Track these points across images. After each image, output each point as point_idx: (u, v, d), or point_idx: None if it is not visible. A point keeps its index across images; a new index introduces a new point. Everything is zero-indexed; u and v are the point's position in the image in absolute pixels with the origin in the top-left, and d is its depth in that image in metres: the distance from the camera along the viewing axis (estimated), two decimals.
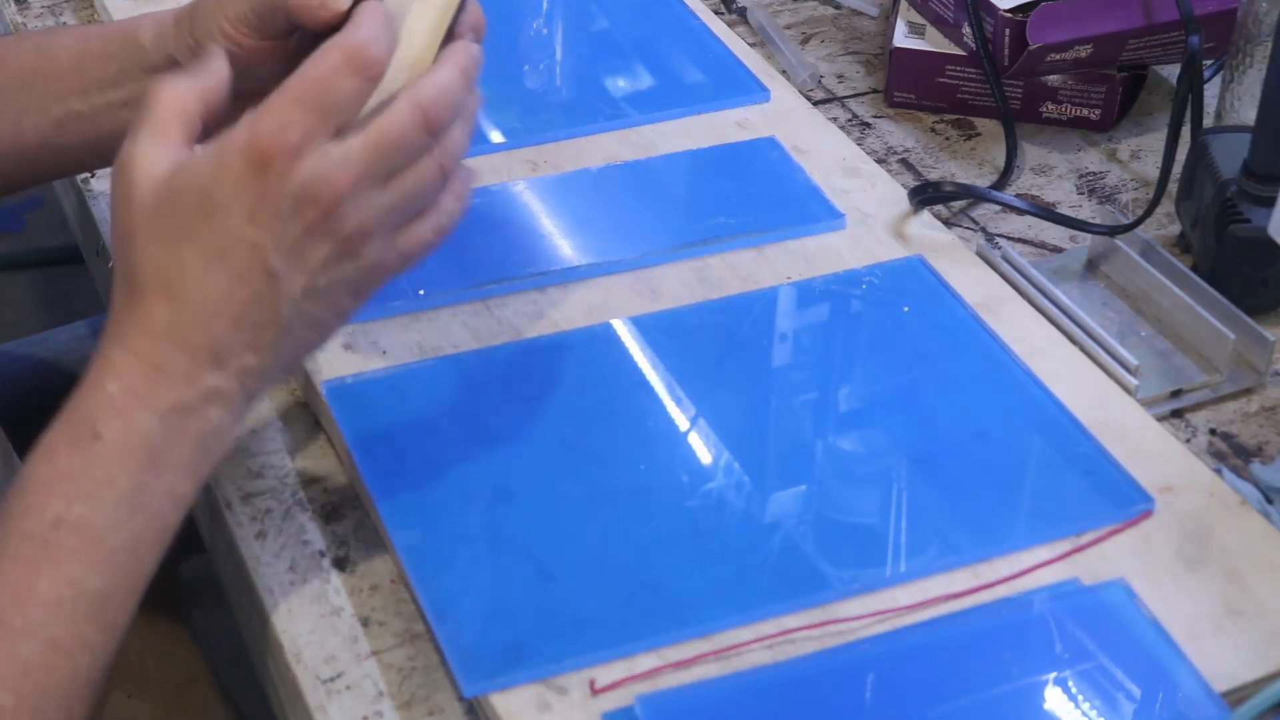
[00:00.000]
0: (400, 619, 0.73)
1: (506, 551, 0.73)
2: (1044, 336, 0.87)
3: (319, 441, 0.82)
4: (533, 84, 1.07)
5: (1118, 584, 0.72)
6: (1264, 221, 0.83)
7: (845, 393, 0.85)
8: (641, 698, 0.67)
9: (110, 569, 0.65)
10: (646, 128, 1.02)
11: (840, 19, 1.20)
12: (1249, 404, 0.86)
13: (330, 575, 0.75)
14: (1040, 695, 0.68)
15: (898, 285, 0.89)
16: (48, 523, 0.63)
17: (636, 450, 0.79)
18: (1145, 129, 1.07)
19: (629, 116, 1.03)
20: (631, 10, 1.15)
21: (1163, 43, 1.02)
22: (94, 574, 0.64)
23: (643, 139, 1.01)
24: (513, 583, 0.72)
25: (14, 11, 1.18)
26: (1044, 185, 1.02)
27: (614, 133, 1.01)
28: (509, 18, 1.14)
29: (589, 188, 0.97)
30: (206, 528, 0.84)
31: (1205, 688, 0.68)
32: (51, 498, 0.64)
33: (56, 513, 0.64)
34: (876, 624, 0.71)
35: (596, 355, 0.84)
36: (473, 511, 0.75)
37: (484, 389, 0.82)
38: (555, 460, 0.78)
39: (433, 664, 0.71)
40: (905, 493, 0.77)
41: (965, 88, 1.07)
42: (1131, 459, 0.78)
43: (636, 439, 0.79)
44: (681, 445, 0.79)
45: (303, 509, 0.78)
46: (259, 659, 0.77)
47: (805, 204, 0.95)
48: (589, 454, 0.79)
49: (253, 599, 0.75)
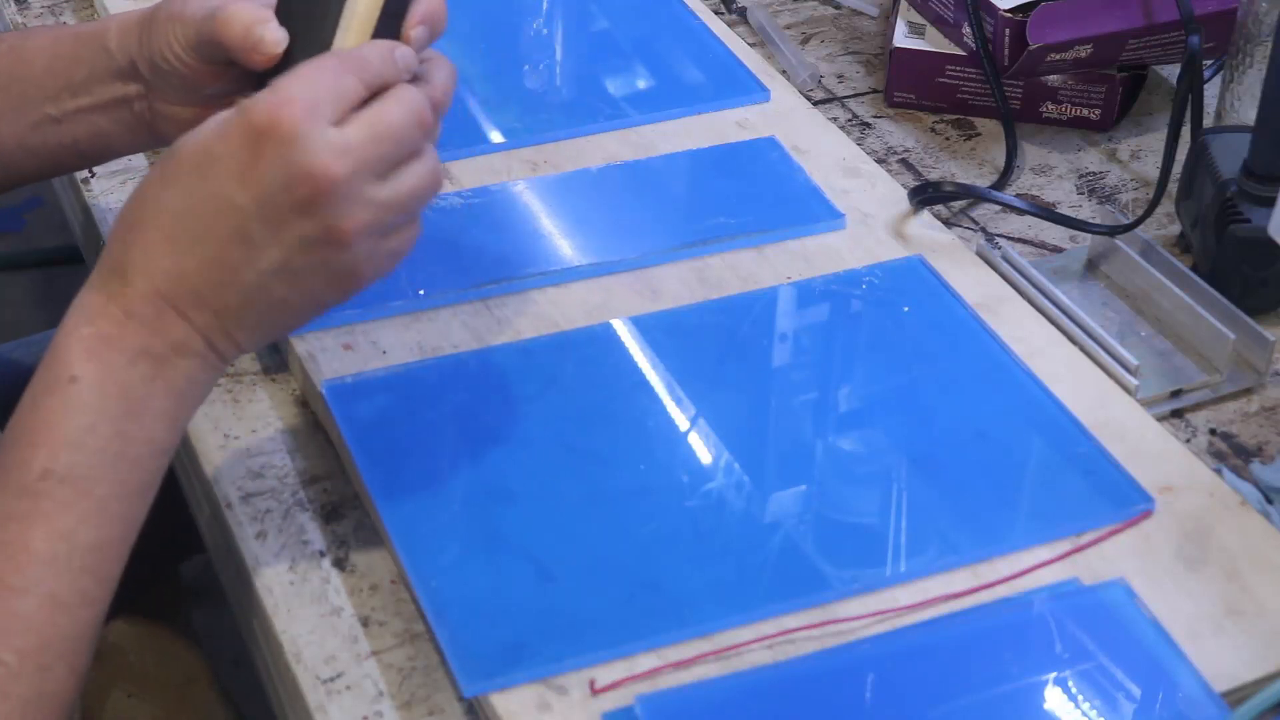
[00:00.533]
0: (400, 619, 0.73)
1: (506, 551, 0.73)
2: (1044, 336, 0.87)
3: (319, 441, 0.82)
4: (533, 84, 1.07)
5: (1118, 584, 0.72)
6: (1264, 221, 0.83)
7: (845, 393, 0.85)
8: (641, 698, 0.67)
9: (101, 520, 0.65)
10: (646, 128, 1.02)
11: (840, 19, 1.20)
12: (1249, 404, 0.86)
13: (330, 575, 0.75)
14: (1040, 695, 0.68)
15: (898, 285, 0.89)
16: (35, 475, 0.64)
17: (636, 450, 0.79)
18: (1145, 129, 1.07)
19: (629, 116, 1.03)
20: (631, 10, 1.15)
21: (1163, 43, 1.02)
22: (86, 526, 0.65)
23: (643, 139, 1.01)
24: (513, 583, 0.72)
25: (14, 11, 1.18)
26: (1044, 185, 1.02)
27: (614, 133, 1.01)
28: (509, 18, 1.14)
29: (589, 188, 0.97)
30: (206, 528, 0.84)
31: (1205, 688, 0.68)
32: (37, 450, 0.65)
33: (43, 465, 0.64)
34: (876, 624, 0.71)
35: (596, 355, 0.84)
36: (473, 511, 0.75)
37: (484, 389, 0.82)
38: (555, 460, 0.78)
39: (433, 664, 0.71)
40: (905, 493, 0.77)
41: (965, 88, 1.07)
42: (1131, 459, 0.78)
43: (636, 439, 0.79)
44: (681, 445, 0.79)
45: (303, 509, 0.78)
46: (259, 659, 0.77)
47: (805, 204, 0.95)
48: (589, 454, 0.79)
49: (253, 599, 0.75)
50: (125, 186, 0.99)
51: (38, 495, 0.64)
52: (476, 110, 1.03)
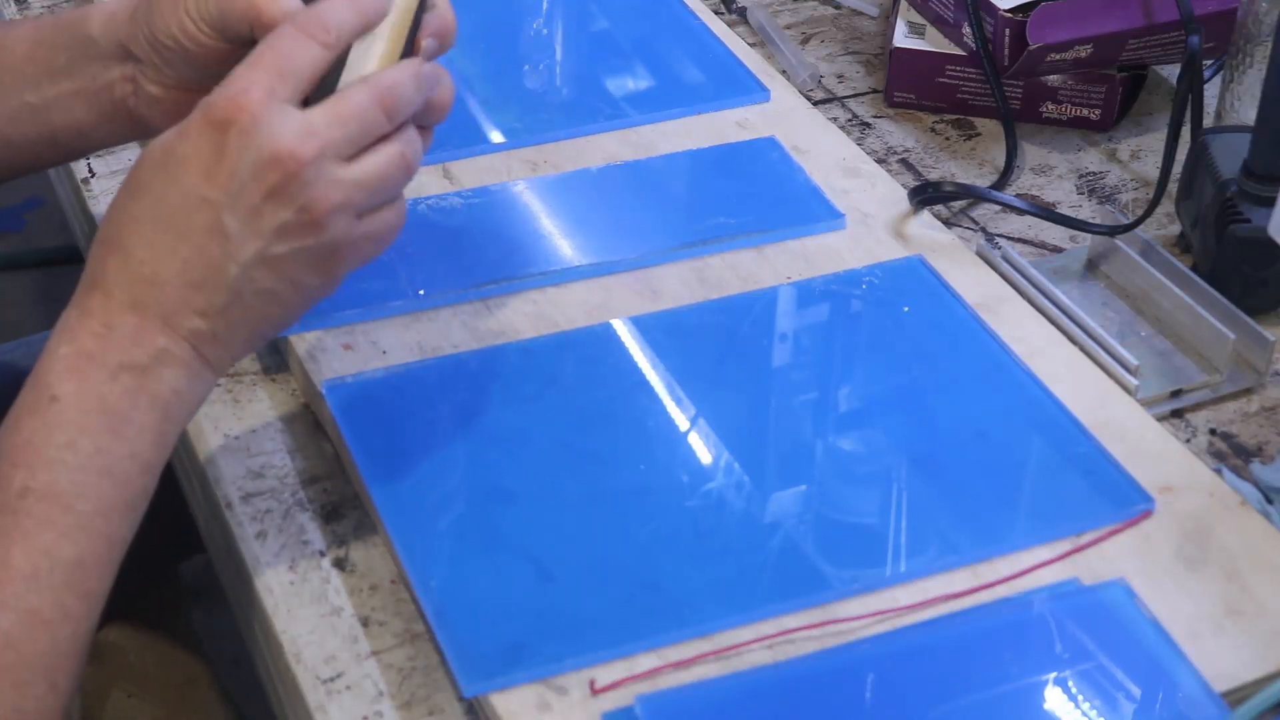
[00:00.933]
0: (400, 619, 0.73)
1: (506, 551, 0.73)
2: (1044, 336, 0.87)
3: (319, 441, 0.82)
4: (533, 84, 1.07)
5: (1118, 584, 0.72)
6: (1264, 221, 0.83)
7: (845, 393, 0.85)
8: (641, 698, 0.67)
9: (83, 536, 0.65)
10: (646, 128, 1.02)
11: (840, 19, 1.20)
12: (1249, 404, 0.86)
13: (330, 575, 0.75)
14: (1040, 695, 0.68)
15: (898, 285, 0.89)
16: (15, 493, 0.64)
17: (636, 450, 0.79)
18: (1145, 129, 1.07)
19: (629, 116, 1.03)
20: (631, 10, 1.15)
21: (1163, 43, 1.02)
22: (67, 542, 0.64)
23: (643, 139, 1.01)
24: (513, 583, 0.72)
25: (14, 11, 1.18)
26: (1044, 185, 1.02)
27: (614, 133, 1.01)
28: (509, 18, 1.14)
29: (589, 188, 0.97)
30: (206, 528, 0.84)
31: (1205, 688, 0.68)
32: (17, 468, 0.64)
33: (23, 482, 0.64)
34: (876, 624, 0.71)
35: (596, 355, 0.84)
36: (473, 511, 0.75)
37: (484, 389, 0.82)
38: (555, 460, 0.78)
39: (433, 664, 0.71)
40: (905, 493, 0.77)
41: (965, 88, 1.07)
42: (1131, 459, 0.78)
43: (636, 439, 0.79)
44: (681, 445, 0.79)
45: (303, 509, 0.78)
46: (259, 659, 0.77)
47: (805, 204, 0.95)
48: (589, 454, 0.78)
49: (253, 599, 0.75)
50: None
51: (17, 512, 0.64)
52: (476, 110, 1.03)
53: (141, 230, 0.66)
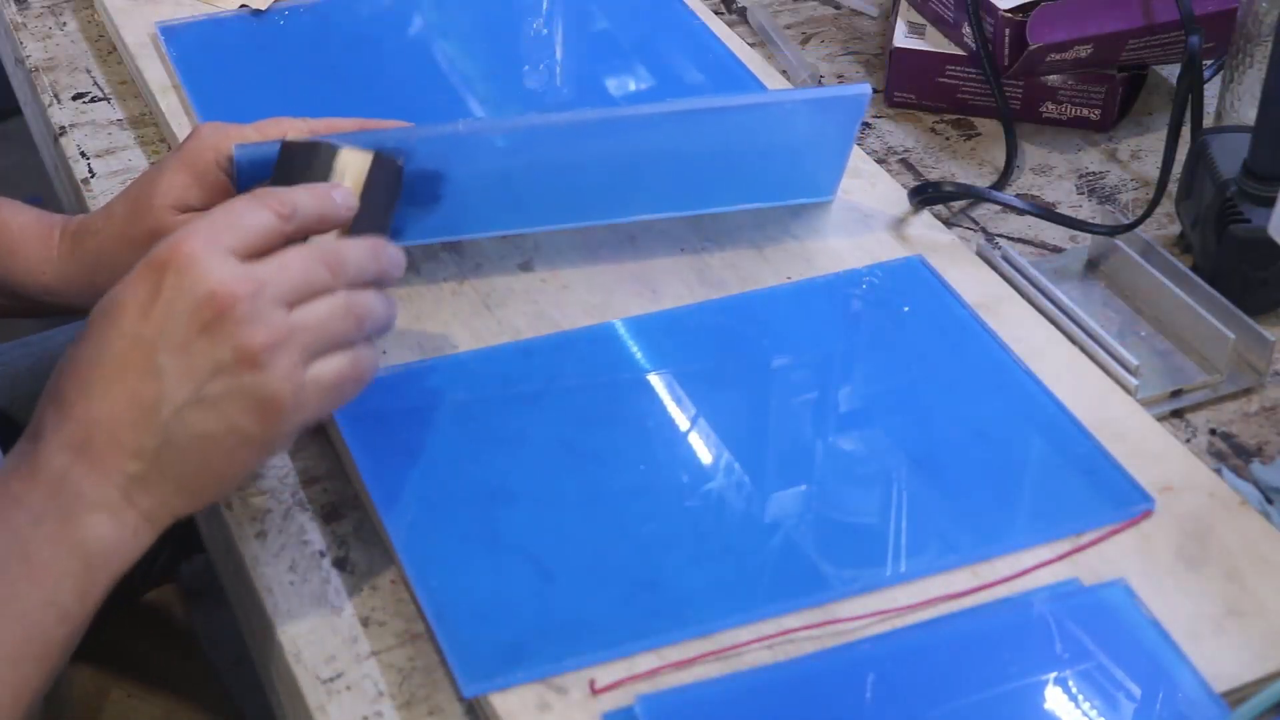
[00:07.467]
0: (400, 619, 0.73)
1: (506, 551, 0.73)
2: (1044, 336, 0.87)
3: (319, 441, 0.82)
4: (533, 84, 1.07)
5: (1118, 584, 0.72)
6: (1264, 221, 0.83)
7: (845, 393, 0.85)
8: (641, 698, 0.67)
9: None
10: None
11: (840, 19, 1.20)
12: (1249, 404, 0.86)
13: (330, 575, 0.75)
14: (1040, 695, 0.68)
15: (898, 285, 0.89)
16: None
17: (636, 450, 0.79)
18: (1145, 129, 1.07)
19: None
20: (631, 10, 1.15)
21: (1163, 43, 1.02)
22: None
23: None
24: (513, 583, 0.72)
25: (14, 12, 1.18)
26: (1044, 185, 1.02)
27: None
28: (509, 18, 1.14)
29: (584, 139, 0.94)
30: (206, 528, 0.84)
31: (1205, 688, 0.68)
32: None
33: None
34: (876, 624, 0.71)
35: (596, 355, 0.84)
36: (473, 511, 0.75)
37: (484, 389, 0.82)
38: (555, 460, 0.78)
39: (433, 664, 0.71)
40: (905, 493, 0.77)
41: (965, 88, 1.07)
42: (1131, 459, 0.78)
43: (636, 439, 0.79)
44: (681, 445, 0.79)
45: (303, 509, 0.78)
46: (259, 659, 0.77)
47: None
48: (589, 454, 0.79)
49: (253, 599, 0.75)
50: (125, 186, 0.99)
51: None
52: (476, 110, 1.03)
53: (79, 374, 0.65)
